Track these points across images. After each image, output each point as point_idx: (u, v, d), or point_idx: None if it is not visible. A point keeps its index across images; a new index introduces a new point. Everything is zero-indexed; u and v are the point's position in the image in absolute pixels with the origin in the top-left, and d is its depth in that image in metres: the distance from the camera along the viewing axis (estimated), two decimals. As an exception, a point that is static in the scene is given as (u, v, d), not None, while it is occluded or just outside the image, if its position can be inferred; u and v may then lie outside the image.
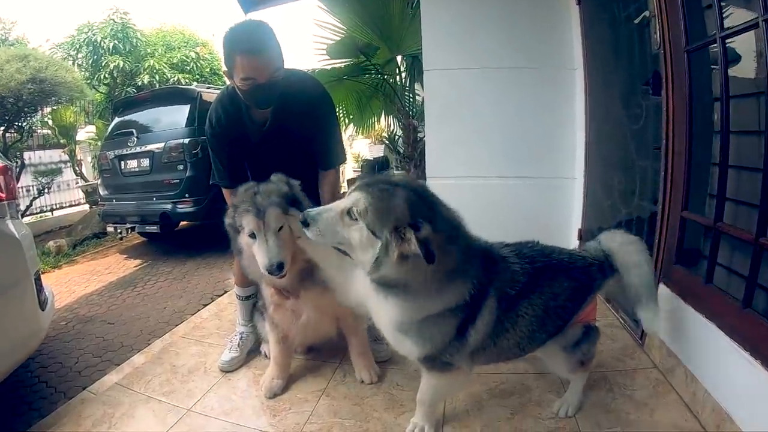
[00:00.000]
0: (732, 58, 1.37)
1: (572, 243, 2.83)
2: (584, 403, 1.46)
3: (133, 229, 4.55)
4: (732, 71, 1.36)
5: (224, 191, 1.77)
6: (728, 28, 1.29)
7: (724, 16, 1.33)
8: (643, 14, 1.69)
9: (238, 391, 1.67)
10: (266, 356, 1.87)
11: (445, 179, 3.08)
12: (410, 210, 1.02)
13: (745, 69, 1.39)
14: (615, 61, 2.14)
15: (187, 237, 5.38)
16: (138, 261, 4.42)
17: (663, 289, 1.68)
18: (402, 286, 1.07)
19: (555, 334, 1.26)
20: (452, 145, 3.07)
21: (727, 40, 1.32)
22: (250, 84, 1.48)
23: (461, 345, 1.16)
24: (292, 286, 1.52)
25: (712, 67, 1.49)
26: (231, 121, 1.67)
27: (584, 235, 2.70)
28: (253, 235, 1.38)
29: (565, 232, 2.91)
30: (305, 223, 1.11)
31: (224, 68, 1.55)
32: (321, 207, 1.15)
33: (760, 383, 1.17)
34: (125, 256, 4.73)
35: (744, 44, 1.34)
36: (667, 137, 1.61)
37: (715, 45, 1.34)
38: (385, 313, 1.15)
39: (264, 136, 1.69)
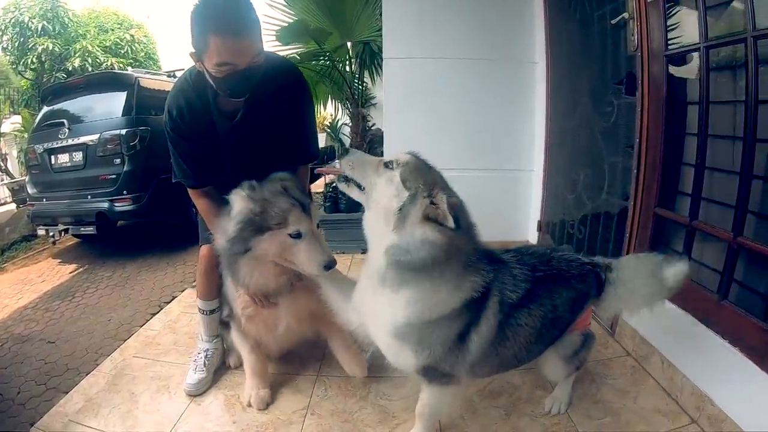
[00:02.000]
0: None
1: (531, 234, 2.94)
2: (572, 396, 1.48)
3: (66, 231, 4.08)
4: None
5: (190, 191, 1.57)
6: (713, 39, 1.33)
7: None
8: (621, 16, 1.70)
9: (212, 418, 1.51)
10: (230, 366, 1.78)
11: (403, 171, 3.03)
12: (443, 182, 1.10)
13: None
14: (584, 59, 2.16)
15: (126, 237, 4.92)
16: (73, 266, 4.00)
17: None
18: (422, 270, 1.04)
19: (551, 344, 1.26)
20: (411, 135, 3.01)
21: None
22: (227, 70, 1.25)
23: (462, 353, 1.12)
24: (277, 294, 1.44)
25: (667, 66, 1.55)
26: (195, 113, 1.44)
27: (543, 227, 2.78)
28: (297, 235, 1.25)
29: (524, 224, 2.99)
30: (345, 152, 1.18)
31: (191, 50, 1.29)
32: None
33: (741, 369, 1.25)
34: (59, 260, 4.26)
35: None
36: (641, 136, 1.65)
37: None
38: (391, 313, 1.09)
39: (234, 129, 1.47)
